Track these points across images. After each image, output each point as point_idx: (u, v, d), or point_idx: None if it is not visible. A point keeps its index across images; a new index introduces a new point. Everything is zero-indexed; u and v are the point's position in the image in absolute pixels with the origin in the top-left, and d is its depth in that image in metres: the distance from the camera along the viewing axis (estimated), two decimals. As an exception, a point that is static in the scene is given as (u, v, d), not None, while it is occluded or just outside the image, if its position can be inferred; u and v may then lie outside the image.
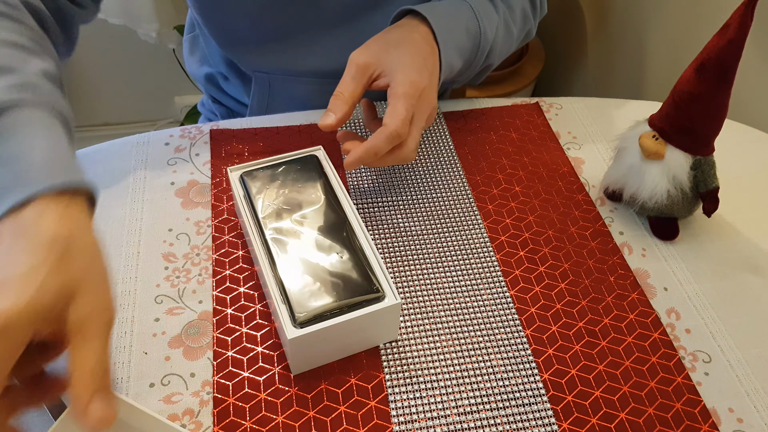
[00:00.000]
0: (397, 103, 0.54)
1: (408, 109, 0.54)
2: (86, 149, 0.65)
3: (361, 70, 0.57)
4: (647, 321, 0.54)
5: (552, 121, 0.73)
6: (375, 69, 0.57)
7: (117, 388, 0.47)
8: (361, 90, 0.57)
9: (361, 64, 0.57)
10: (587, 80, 1.47)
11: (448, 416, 0.47)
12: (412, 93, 0.55)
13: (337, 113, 0.56)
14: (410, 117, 0.55)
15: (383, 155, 0.55)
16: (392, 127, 0.53)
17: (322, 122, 0.56)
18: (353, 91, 0.56)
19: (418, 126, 0.56)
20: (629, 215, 0.63)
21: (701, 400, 0.49)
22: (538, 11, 0.75)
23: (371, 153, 0.54)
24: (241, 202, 0.54)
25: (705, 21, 1.03)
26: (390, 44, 0.58)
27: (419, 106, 0.56)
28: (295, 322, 0.46)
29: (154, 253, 0.57)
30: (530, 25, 0.74)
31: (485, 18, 0.65)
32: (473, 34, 0.64)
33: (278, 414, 0.47)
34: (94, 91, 1.67)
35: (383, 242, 0.59)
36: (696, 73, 0.53)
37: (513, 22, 0.70)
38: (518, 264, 0.58)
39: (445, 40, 0.61)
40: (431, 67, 0.58)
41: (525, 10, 0.72)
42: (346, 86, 0.56)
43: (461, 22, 0.63)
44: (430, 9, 0.62)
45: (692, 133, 0.55)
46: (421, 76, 0.56)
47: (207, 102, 0.90)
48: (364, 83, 0.57)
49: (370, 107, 0.63)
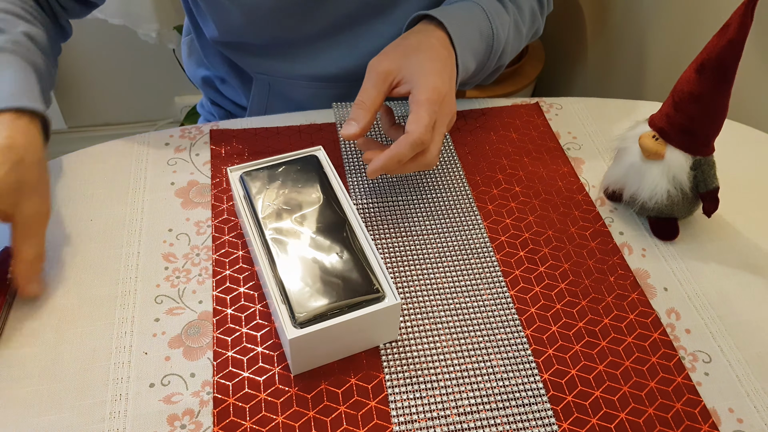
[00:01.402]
0: (420, 110, 0.54)
1: (431, 116, 0.54)
2: (86, 149, 0.65)
3: (382, 77, 0.56)
4: (647, 321, 0.54)
5: (552, 121, 0.73)
6: (395, 76, 0.57)
7: (117, 388, 0.48)
8: (382, 98, 0.57)
9: (382, 72, 0.56)
10: (587, 80, 1.47)
11: (448, 416, 0.47)
12: (435, 99, 0.55)
13: (360, 122, 0.55)
14: (433, 123, 0.54)
15: (406, 162, 0.55)
16: (416, 134, 0.53)
17: (344, 132, 0.55)
18: (375, 99, 0.56)
19: (440, 132, 0.56)
20: (629, 215, 0.63)
21: (701, 400, 0.49)
22: (545, 9, 0.76)
23: (395, 160, 0.53)
24: (241, 203, 0.54)
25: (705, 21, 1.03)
26: (409, 50, 0.58)
27: (441, 111, 0.55)
28: (295, 322, 0.46)
29: (154, 253, 0.57)
30: (538, 23, 0.74)
31: (497, 19, 0.65)
32: (486, 37, 0.64)
33: (278, 414, 0.47)
34: (94, 91, 1.67)
35: (383, 242, 0.59)
36: (696, 73, 0.53)
37: (522, 21, 0.71)
38: (518, 264, 0.58)
39: (461, 44, 0.61)
40: (450, 72, 0.58)
41: (533, 9, 0.73)
42: (368, 94, 0.56)
43: (475, 24, 0.63)
44: (444, 13, 0.62)
45: (692, 133, 0.55)
46: (443, 81, 0.56)
47: (206, 104, 0.91)
48: (384, 90, 0.57)
49: (389, 113, 0.62)
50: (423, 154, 0.55)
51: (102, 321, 0.51)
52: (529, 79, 1.52)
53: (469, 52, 0.62)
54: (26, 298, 0.52)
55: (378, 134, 0.69)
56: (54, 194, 0.61)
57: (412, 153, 0.54)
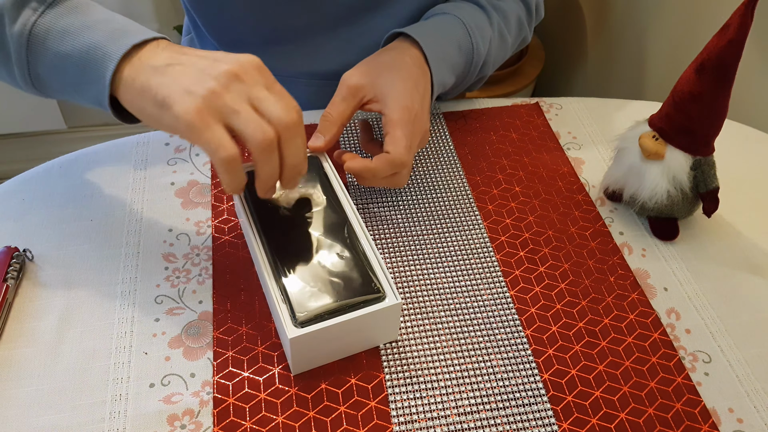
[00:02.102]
0: (396, 131, 0.55)
1: (407, 136, 0.55)
2: (86, 149, 0.65)
3: (352, 91, 0.57)
4: (647, 321, 0.54)
5: (552, 121, 0.73)
6: (366, 93, 0.57)
7: (117, 388, 0.48)
8: (350, 112, 0.57)
9: (352, 86, 0.57)
10: (587, 80, 1.47)
11: (448, 416, 0.47)
12: (406, 119, 0.55)
13: (326, 135, 0.56)
14: (409, 142, 0.55)
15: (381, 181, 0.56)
16: (396, 155, 0.54)
17: (311, 144, 0.56)
18: (342, 112, 0.57)
19: (412, 152, 0.57)
20: (629, 215, 0.63)
21: (701, 400, 0.49)
22: (533, 17, 0.75)
23: (370, 173, 0.54)
24: (241, 203, 0.54)
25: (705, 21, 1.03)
26: (382, 67, 0.58)
27: (413, 130, 0.56)
28: (296, 322, 0.46)
29: (154, 253, 0.57)
30: (525, 32, 0.74)
31: (477, 32, 0.65)
32: (466, 51, 0.64)
33: (278, 414, 0.47)
34: (94, 91, 1.67)
35: (383, 242, 0.59)
36: (696, 73, 0.53)
37: (508, 30, 0.70)
38: (518, 264, 0.58)
39: (437, 61, 0.61)
40: (422, 91, 0.59)
41: (520, 18, 0.72)
42: (336, 108, 0.57)
43: (453, 39, 0.63)
44: (420, 30, 0.62)
45: (692, 133, 0.55)
46: (413, 101, 0.56)
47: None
48: (354, 105, 0.57)
49: (367, 128, 0.63)
50: (397, 174, 0.56)
51: (102, 321, 0.51)
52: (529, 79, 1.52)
53: (446, 68, 0.63)
54: None
55: (355, 148, 0.69)
56: (54, 194, 0.61)
57: (389, 172, 0.55)
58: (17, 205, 0.60)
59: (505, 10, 0.70)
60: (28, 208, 0.60)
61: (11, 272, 0.52)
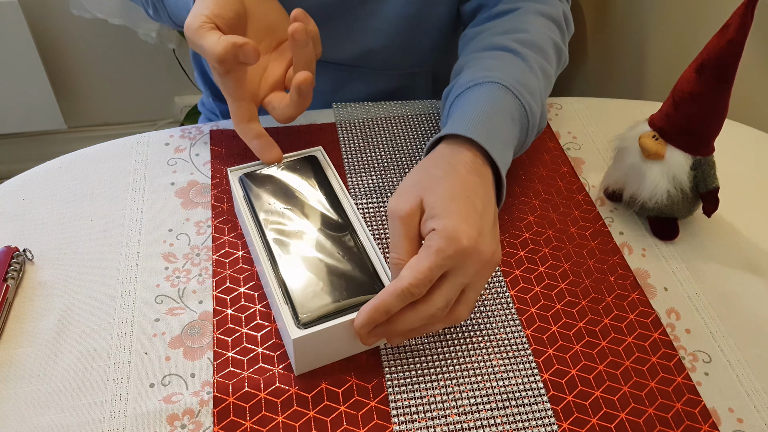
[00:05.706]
0: (423, 257, 0.45)
1: (432, 269, 0.44)
2: (86, 149, 0.65)
3: (407, 222, 0.48)
4: (647, 321, 0.54)
5: (552, 121, 0.73)
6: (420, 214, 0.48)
7: (117, 388, 0.48)
8: (416, 245, 0.48)
9: (405, 216, 0.48)
10: (587, 80, 1.47)
11: (448, 416, 0.47)
12: (447, 252, 0.44)
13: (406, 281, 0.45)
14: (434, 276, 0.45)
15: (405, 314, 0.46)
16: (405, 284, 0.44)
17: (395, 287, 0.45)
18: (410, 250, 0.47)
19: (453, 283, 0.46)
20: (629, 215, 0.63)
21: (701, 400, 0.49)
22: (566, 34, 0.68)
23: (381, 311, 0.45)
24: (241, 203, 0.54)
25: (705, 21, 1.03)
26: (431, 183, 0.49)
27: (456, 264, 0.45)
28: (299, 322, 0.46)
29: (154, 253, 0.57)
30: (564, 55, 0.67)
31: (524, 90, 0.58)
32: (520, 117, 0.57)
33: (278, 414, 0.47)
34: (94, 91, 1.67)
35: (384, 242, 0.59)
36: (696, 73, 0.53)
37: (549, 64, 0.63)
38: (518, 264, 0.58)
39: (495, 150, 0.52)
40: (482, 204, 0.49)
41: (556, 43, 0.65)
42: (401, 248, 0.47)
43: (504, 115, 0.55)
44: (463, 123, 0.53)
45: (692, 133, 0.55)
46: (469, 226, 0.46)
47: (207, 101, 0.90)
48: (415, 235, 0.48)
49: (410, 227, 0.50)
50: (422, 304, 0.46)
51: (102, 321, 0.51)
52: (529, 79, 1.51)
53: (506, 149, 0.55)
54: None
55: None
56: (54, 194, 0.61)
57: (400, 305, 0.45)
58: (17, 205, 0.60)
59: (537, 43, 0.62)
60: (28, 208, 0.60)
61: (11, 272, 0.52)
